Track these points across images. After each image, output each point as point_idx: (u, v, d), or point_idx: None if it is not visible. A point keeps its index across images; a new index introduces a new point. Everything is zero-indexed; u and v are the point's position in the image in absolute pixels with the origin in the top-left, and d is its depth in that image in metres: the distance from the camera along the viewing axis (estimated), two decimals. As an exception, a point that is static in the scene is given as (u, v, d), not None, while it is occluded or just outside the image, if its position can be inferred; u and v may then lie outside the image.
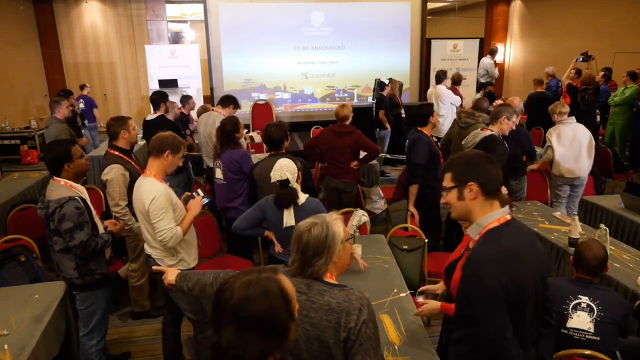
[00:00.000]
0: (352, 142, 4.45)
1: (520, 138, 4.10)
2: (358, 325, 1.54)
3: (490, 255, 1.58)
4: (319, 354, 1.59)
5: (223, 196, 3.91)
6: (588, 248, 2.46)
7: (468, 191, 1.68)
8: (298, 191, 2.74)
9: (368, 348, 1.55)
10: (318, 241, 1.61)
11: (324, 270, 1.64)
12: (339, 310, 1.56)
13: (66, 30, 10.85)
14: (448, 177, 1.75)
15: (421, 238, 3.58)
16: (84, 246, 2.61)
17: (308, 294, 1.61)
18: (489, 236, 1.65)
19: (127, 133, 3.40)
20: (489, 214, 1.68)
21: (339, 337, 1.55)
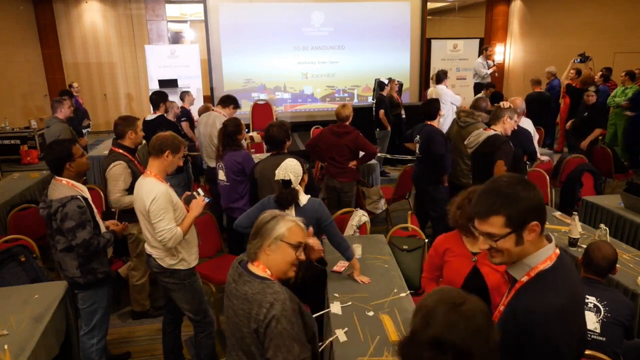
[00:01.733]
0: (350, 142, 4.47)
1: (521, 138, 4.10)
2: (267, 319, 1.56)
3: (555, 309, 1.33)
4: (240, 341, 1.67)
5: (227, 197, 3.91)
6: (598, 249, 2.47)
7: (529, 233, 1.37)
8: (300, 192, 2.74)
9: (279, 344, 1.55)
10: (260, 224, 1.70)
11: (254, 257, 1.70)
12: (252, 300, 1.61)
13: (66, 30, 10.85)
14: (498, 222, 1.37)
15: (421, 238, 3.58)
16: (86, 245, 2.62)
17: (237, 282, 1.70)
18: (545, 281, 1.38)
19: (133, 133, 3.41)
20: (539, 251, 1.41)
21: (250, 327, 1.61)
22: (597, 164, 5.85)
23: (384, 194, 5.23)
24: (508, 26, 12.23)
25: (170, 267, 2.69)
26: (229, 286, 1.72)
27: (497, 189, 1.39)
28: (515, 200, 1.35)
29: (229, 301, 1.71)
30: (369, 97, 10.21)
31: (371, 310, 2.52)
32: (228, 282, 1.74)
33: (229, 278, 1.75)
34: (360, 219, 3.84)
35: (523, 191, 1.36)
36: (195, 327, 2.89)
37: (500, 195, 1.37)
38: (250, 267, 1.72)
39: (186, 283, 2.75)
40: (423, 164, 4.42)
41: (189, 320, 2.89)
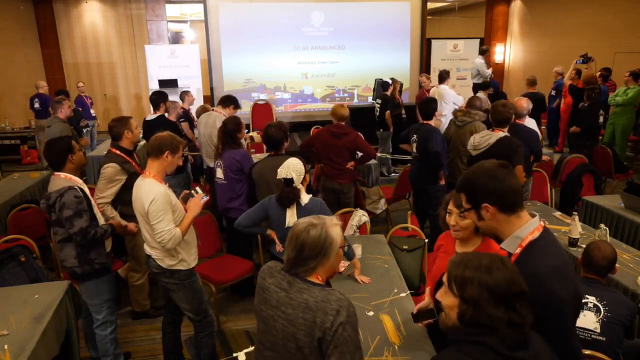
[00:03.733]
0: (349, 143, 4.42)
1: (528, 138, 4.09)
2: (334, 326, 1.52)
3: (554, 268, 1.49)
4: (294, 351, 1.58)
5: (224, 196, 3.91)
6: (597, 248, 2.47)
7: (485, 212, 1.58)
8: (301, 192, 2.75)
9: (344, 351, 1.52)
10: (315, 243, 1.61)
11: (312, 272, 1.65)
12: (316, 309, 1.55)
13: (66, 30, 10.85)
14: (463, 198, 1.66)
15: (421, 238, 3.58)
16: (83, 233, 2.67)
17: (289, 290, 1.62)
18: (538, 248, 1.55)
19: (130, 133, 3.41)
20: (523, 225, 1.58)
21: (313, 336, 1.54)
22: (597, 164, 5.85)
23: (384, 194, 5.23)
24: (508, 26, 12.23)
25: (170, 268, 2.69)
26: (275, 295, 1.63)
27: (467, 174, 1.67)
28: (472, 185, 1.62)
29: (275, 311, 1.61)
30: (369, 97, 10.21)
31: (371, 310, 2.52)
32: (270, 291, 1.65)
33: (269, 286, 1.66)
34: (360, 219, 3.85)
35: (482, 178, 1.59)
36: (195, 327, 2.89)
37: (466, 179, 1.65)
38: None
39: (186, 283, 2.75)
40: (420, 163, 4.42)
41: (189, 320, 2.89)
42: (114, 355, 3.00)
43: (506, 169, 1.60)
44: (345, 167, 4.46)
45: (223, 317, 3.79)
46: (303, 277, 1.64)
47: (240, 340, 3.53)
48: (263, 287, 1.68)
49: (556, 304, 1.45)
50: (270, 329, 1.63)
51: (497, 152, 3.70)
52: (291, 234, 1.66)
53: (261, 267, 1.77)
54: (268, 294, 1.65)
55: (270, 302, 1.64)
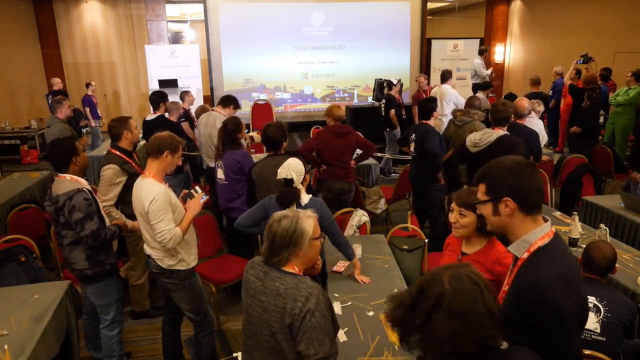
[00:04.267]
0: (353, 142, 4.45)
1: (528, 138, 4.10)
2: (302, 312, 1.59)
3: (559, 276, 1.43)
4: (269, 338, 1.66)
5: (225, 196, 3.91)
6: (597, 248, 2.47)
7: (503, 207, 1.51)
8: (301, 192, 2.75)
9: (312, 337, 1.58)
10: (285, 234, 1.70)
11: (286, 262, 1.72)
12: (286, 296, 1.63)
13: (66, 30, 10.85)
14: (482, 189, 1.56)
15: (421, 238, 3.58)
16: (95, 235, 2.66)
17: (264, 280, 1.71)
18: (545, 255, 1.49)
19: (129, 133, 3.40)
20: (535, 229, 1.51)
21: (284, 322, 1.61)
22: (597, 164, 5.85)
23: (384, 194, 5.23)
24: (508, 26, 12.23)
25: (170, 268, 2.69)
26: (253, 284, 1.72)
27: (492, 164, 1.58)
28: (497, 175, 1.53)
29: (253, 300, 1.71)
30: (369, 97, 10.21)
31: (371, 310, 2.52)
32: (249, 281, 1.74)
33: (249, 277, 1.75)
34: (360, 219, 3.85)
35: (509, 171, 1.51)
36: (195, 327, 2.89)
37: (489, 169, 1.57)
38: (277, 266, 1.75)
39: (186, 283, 2.75)
40: (419, 163, 4.42)
41: (189, 320, 2.89)
42: (119, 356, 2.99)
43: (533, 167, 1.54)
44: (350, 165, 4.48)
45: (223, 317, 3.79)
46: (278, 267, 1.72)
47: (240, 340, 3.52)
48: (246, 279, 1.77)
49: (558, 313, 1.39)
50: (250, 317, 1.72)
51: (497, 150, 3.71)
52: (267, 225, 1.75)
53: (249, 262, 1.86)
54: (247, 284, 1.75)
55: (249, 291, 1.74)
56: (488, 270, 2.10)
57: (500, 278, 2.06)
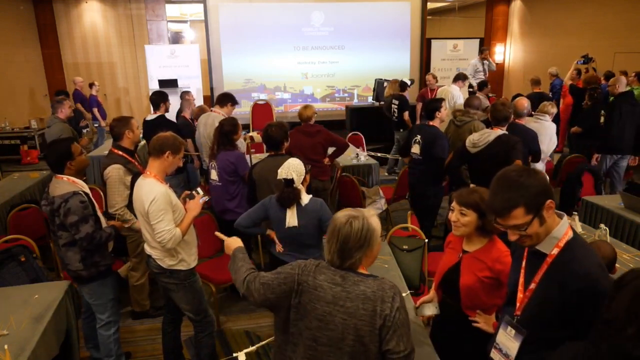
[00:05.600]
0: (323, 140, 4.47)
1: (527, 138, 4.10)
2: (393, 312, 1.60)
3: (598, 265, 1.51)
4: (353, 343, 1.62)
5: (219, 198, 3.91)
6: (597, 248, 2.46)
7: (546, 211, 1.53)
8: (302, 192, 2.75)
9: (402, 334, 1.61)
10: (359, 234, 1.65)
11: (359, 263, 1.69)
12: (374, 298, 1.61)
13: (66, 30, 10.85)
14: (520, 213, 1.51)
15: (421, 238, 3.58)
16: (90, 238, 2.66)
17: (343, 285, 1.65)
18: (579, 247, 1.55)
19: (131, 133, 3.40)
20: (557, 226, 1.57)
21: (375, 325, 1.60)
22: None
23: (384, 194, 5.23)
24: (508, 26, 12.23)
25: (170, 268, 2.70)
26: (330, 291, 1.65)
27: (508, 184, 1.53)
28: (527, 189, 1.50)
29: (333, 306, 1.64)
30: (369, 97, 10.21)
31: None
32: (322, 288, 1.66)
33: (321, 283, 1.67)
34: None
35: (529, 179, 1.51)
36: (195, 327, 2.90)
37: (513, 189, 1.51)
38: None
39: (186, 283, 2.75)
40: (424, 166, 4.31)
41: (189, 320, 2.89)
42: (116, 355, 2.99)
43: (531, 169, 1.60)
44: (324, 164, 4.50)
45: (223, 317, 3.79)
46: (355, 270, 1.69)
47: (240, 340, 3.53)
48: (314, 285, 1.68)
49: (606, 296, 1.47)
50: (327, 324, 1.65)
51: (496, 149, 3.72)
52: (332, 228, 1.69)
53: (299, 267, 1.74)
54: (322, 290, 1.67)
55: (325, 298, 1.66)
56: (488, 268, 2.11)
57: (500, 276, 2.07)
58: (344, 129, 8.83)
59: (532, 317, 1.60)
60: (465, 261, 2.19)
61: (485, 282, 2.11)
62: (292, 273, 1.72)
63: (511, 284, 1.73)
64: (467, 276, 2.15)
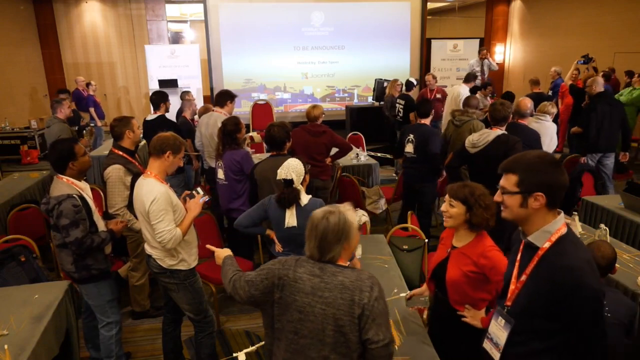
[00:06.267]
0: (327, 141, 4.51)
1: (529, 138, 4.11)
2: (371, 301, 1.65)
3: (587, 261, 1.53)
4: (333, 334, 1.67)
5: (225, 197, 3.91)
6: (597, 248, 2.46)
7: (533, 200, 1.56)
8: (301, 192, 2.75)
9: (380, 323, 1.65)
10: (337, 228, 1.71)
11: (338, 256, 1.75)
12: (353, 288, 1.66)
13: (66, 30, 10.85)
14: (512, 180, 1.59)
15: (421, 238, 3.58)
16: (78, 243, 2.64)
17: (322, 276, 1.71)
18: (569, 242, 1.58)
19: (131, 133, 3.39)
20: (555, 219, 1.60)
21: (353, 314, 1.65)
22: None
23: (384, 194, 5.23)
24: (508, 26, 12.23)
25: (170, 268, 2.70)
26: (309, 282, 1.70)
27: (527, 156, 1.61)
28: (532, 169, 1.56)
29: (312, 297, 1.68)
30: (369, 97, 10.22)
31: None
32: (302, 280, 1.71)
33: (301, 276, 1.72)
34: (360, 219, 3.84)
35: (544, 165, 1.55)
36: (195, 327, 2.90)
37: (524, 161, 1.59)
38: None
39: (186, 283, 2.75)
40: (419, 164, 4.43)
41: (189, 320, 2.89)
42: (117, 356, 2.98)
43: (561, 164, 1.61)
44: (325, 163, 4.55)
45: (223, 317, 3.79)
46: (334, 263, 1.74)
47: (240, 340, 3.53)
48: (294, 278, 1.73)
49: (594, 298, 1.49)
50: (308, 315, 1.70)
51: (495, 149, 3.72)
52: (310, 224, 1.75)
53: (280, 262, 1.80)
54: (301, 282, 1.72)
55: (304, 290, 1.71)
56: (473, 262, 2.15)
57: (484, 270, 2.11)
58: (344, 129, 8.84)
59: (521, 308, 1.63)
60: (452, 256, 2.24)
61: (471, 277, 2.15)
62: (273, 268, 1.78)
63: (507, 278, 1.76)
64: (453, 271, 2.20)
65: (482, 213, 2.11)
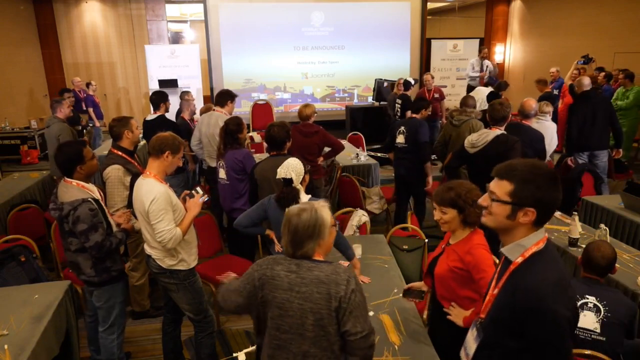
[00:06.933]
0: (319, 141, 4.56)
1: (532, 139, 4.11)
2: (347, 294, 1.67)
3: (553, 283, 1.41)
4: (313, 328, 1.70)
5: (227, 197, 3.91)
6: (597, 248, 2.47)
7: (522, 214, 1.44)
8: (300, 192, 2.75)
9: (358, 315, 1.68)
10: (308, 225, 1.74)
11: (312, 252, 1.77)
12: (328, 281, 1.69)
13: (66, 30, 10.85)
14: (506, 188, 1.46)
15: (421, 238, 3.58)
16: (99, 247, 2.62)
17: (298, 272, 1.74)
18: (540, 261, 1.46)
19: (130, 133, 3.39)
20: (531, 235, 1.48)
21: (330, 307, 1.68)
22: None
23: (384, 194, 5.23)
24: (508, 26, 12.23)
25: (170, 268, 2.70)
26: (286, 278, 1.73)
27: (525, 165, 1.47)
28: (529, 180, 1.43)
29: (289, 293, 1.71)
30: (369, 97, 10.21)
31: (371, 310, 2.52)
32: (279, 277, 1.74)
33: (278, 273, 1.75)
34: (360, 219, 3.84)
35: (543, 180, 1.44)
36: (195, 327, 2.90)
37: (522, 169, 1.46)
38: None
39: (186, 283, 2.75)
40: (411, 154, 4.69)
41: (189, 320, 2.89)
42: (118, 359, 2.96)
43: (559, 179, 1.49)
44: (318, 163, 4.58)
45: (223, 317, 3.79)
46: (309, 258, 1.76)
47: (240, 340, 3.53)
48: (271, 276, 1.77)
49: (558, 324, 1.39)
50: (287, 311, 1.73)
51: (495, 149, 3.72)
52: (284, 220, 1.78)
53: (257, 264, 1.84)
54: (279, 279, 1.75)
55: (282, 286, 1.74)
56: (460, 259, 2.15)
57: (468, 267, 2.11)
58: (344, 129, 8.84)
59: (490, 321, 1.57)
60: (445, 252, 2.25)
61: (456, 273, 2.14)
62: (252, 272, 1.82)
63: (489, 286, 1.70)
64: (441, 266, 2.22)
65: (474, 211, 2.11)
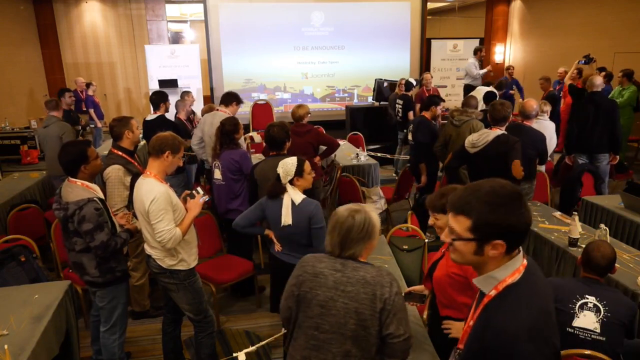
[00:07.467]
0: (313, 140, 4.55)
1: (534, 139, 4.10)
2: (392, 296, 1.70)
3: (528, 326, 1.24)
4: (355, 327, 1.70)
5: (222, 197, 3.90)
6: (597, 248, 2.46)
7: (490, 248, 1.27)
8: (295, 192, 2.75)
9: (401, 317, 1.72)
10: (360, 227, 1.77)
11: (360, 253, 1.80)
12: (374, 283, 1.71)
13: (66, 30, 10.85)
14: (464, 224, 1.27)
15: (421, 238, 3.58)
16: (104, 246, 2.62)
17: (343, 271, 1.76)
18: (515, 296, 1.29)
19: (130, 133, 3.39)
20: (504, 264, 1.31)
21: (375, 308, 1.70)
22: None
23: (384, 194, 5.23)
24: (508, 26, 12.23)
25: (170, 268, 2.69)
26: (331, 277, 1.75)
27: (482, 191, 1.28)
28: (488, 210, 1.24)
29: (334, 291, 1.73)
30: (369, 97, 10.21)
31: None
32: (323, 275, 1.76)
33: (322, 270, 1.77)
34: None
35: (503, 203, 1.24)
36: (195, 327, 2.90)
37: (478, 199, 1.26)
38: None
39: (186, 283, 2.75)
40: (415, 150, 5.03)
41: (189, 320, 2.89)
42: (119, 359, 2.96)
43: (523, 197, 1.30)
44: (314, 162, 4.54)
45: (223, 317, 3.79)
46: (355, 259, 1.80)
47: (240, 340, 3.53)
48: (314, 273, 1.78)
49: None
50: (330, 309, 1.74)
51: (495, 149, 3.73)
52: (334, 221, 1.80)
53: (301, 259, 1.87)
54: (323, 277, 1.76)
55: (326, 284, 1.75)
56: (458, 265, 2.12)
57: (466, 274, 2.07)
58: (344, 129, 8.84)
59: (464, 354, 1.42)
60: (445, 257, 2.23)
61: (454, 279, 2.11)
62: (294, 275, 1.84)
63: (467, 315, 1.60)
64: (440, 271, 2.20)
65: None
